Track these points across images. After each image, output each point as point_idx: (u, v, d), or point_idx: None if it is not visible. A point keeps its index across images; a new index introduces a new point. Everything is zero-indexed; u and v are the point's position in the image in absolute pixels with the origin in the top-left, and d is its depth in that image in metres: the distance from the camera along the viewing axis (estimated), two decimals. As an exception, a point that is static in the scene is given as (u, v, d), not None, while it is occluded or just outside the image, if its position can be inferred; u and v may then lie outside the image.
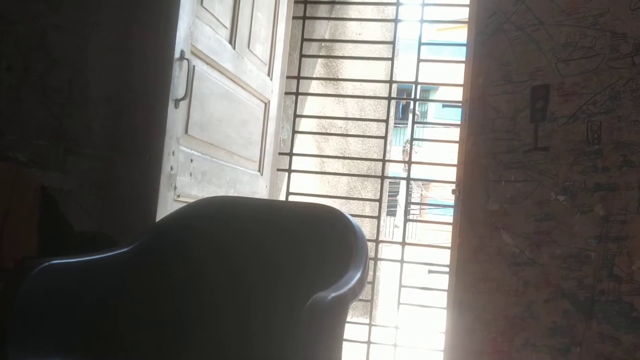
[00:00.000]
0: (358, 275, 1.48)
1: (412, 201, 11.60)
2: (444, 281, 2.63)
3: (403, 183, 11.15)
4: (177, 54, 2.07)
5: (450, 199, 2.56)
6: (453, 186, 2.48)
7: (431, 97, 17.32)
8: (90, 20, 2.22)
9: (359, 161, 5.13)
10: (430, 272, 3.56)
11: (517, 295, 2.10)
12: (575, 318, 1.99)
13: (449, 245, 2.43)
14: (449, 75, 4.33)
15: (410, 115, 3.56)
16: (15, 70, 2.16)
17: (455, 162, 2.52)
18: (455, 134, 2.62)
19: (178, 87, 2.10)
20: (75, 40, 2.22)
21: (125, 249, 1.73)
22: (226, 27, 2.49)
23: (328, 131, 4.59)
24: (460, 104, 2.50)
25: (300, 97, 3.44)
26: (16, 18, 2.17)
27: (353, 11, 4.60)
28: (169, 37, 2.07)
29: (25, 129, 2.16)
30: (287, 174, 3.37)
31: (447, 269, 2.53)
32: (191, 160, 2.24)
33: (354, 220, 1.73)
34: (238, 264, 1.76)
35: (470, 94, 2.36)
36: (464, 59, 2.48)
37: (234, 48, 2.55)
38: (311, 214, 1.82)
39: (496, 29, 2.28)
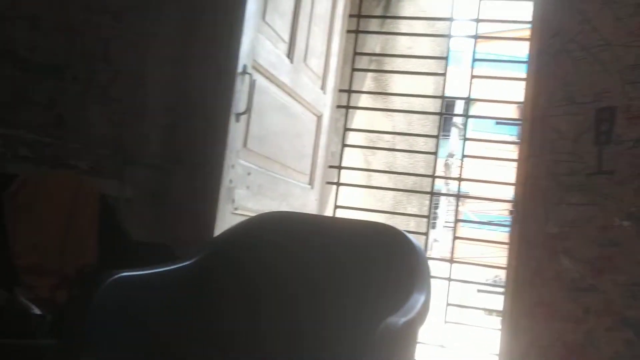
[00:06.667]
0: (423, 299, 1.46)
1: (450, 216, 11.43)
2: (490, 300, 2.59)
3: (442, 197, 11.04)
4: (239, 69, 2.08)
5: (485, 213, 2.53)
6: (497, 204, 2.44)
7: (470, 112, 17.05)
8: (151, 32, 2.25)
9: (404, 175, 5.09)
10: (479, 291, 3.50)
11: (577, 322, 2.05)
12: (639, 349, 1.93)
13: (495, 261, 2.39)
14: (488, 90, 4.29)
15: (456, 130, 3.52)
16: (80, 80, 2.19)
17: (506, 180, 2.47)
18: (495, 149, 2.59)
19: (240, 102, 2.11)
20: (136, 51, 2.25)
21: (186, 263, 1.72)
22: (285, 42, 2.49)
23: (376, 145, 4.55)
24: (513, 122, 2.46)
25: (349, 110, 3.43)
26: (82, 29, 2.21)
27: (404, 26, 4.57)
28: (232, 51, 2.08)
29: (87, 138, 2.19)
30: (334, 186, 3.36)
31: (494, 289, 2.48)
32: (248, 174, 2.25)
33: (415, 240, 1.70)
34: (292, 289, 1.73)
35: (531, 113, 2.31)
36: (510, 74, 2.43)
37: (292, 62, 2.56)
38: (371, 233, 1.79)
39: (559, 48, 2.24)
